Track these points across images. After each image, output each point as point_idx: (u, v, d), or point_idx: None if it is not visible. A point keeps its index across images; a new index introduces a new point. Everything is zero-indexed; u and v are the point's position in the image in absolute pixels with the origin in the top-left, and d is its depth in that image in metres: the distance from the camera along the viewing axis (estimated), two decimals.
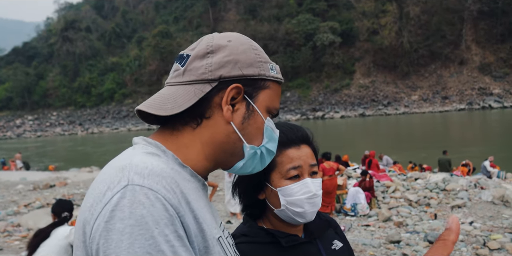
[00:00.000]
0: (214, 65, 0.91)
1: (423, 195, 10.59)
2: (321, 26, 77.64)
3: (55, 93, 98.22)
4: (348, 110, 72.21)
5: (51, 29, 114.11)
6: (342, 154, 16.13)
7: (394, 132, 41.62)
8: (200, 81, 0.91)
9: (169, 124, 0.94)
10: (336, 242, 1.40)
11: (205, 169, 0.94)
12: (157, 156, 0.86)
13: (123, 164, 0.81)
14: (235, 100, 0.92)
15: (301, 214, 1.27)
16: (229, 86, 0.90)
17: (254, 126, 0.94)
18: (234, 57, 0.92)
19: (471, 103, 66.40)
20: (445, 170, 15.67)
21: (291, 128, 1.33)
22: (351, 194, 9.75)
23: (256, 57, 0.95)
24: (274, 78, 0.97)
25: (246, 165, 0.96)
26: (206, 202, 0.93)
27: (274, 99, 0.98)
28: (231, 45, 0.94)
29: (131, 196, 0.74)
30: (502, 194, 9.98)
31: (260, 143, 0.96)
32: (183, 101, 0.90)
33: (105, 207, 0.74)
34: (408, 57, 73.52)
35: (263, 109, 0.95)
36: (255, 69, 0.93)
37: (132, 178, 0.76)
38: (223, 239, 0.90)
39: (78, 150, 43.74)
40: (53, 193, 13.45)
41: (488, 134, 34.00)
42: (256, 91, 0.94)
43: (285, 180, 1.27)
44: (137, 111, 0.94)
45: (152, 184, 0.76)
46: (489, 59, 70.36)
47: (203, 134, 0.92)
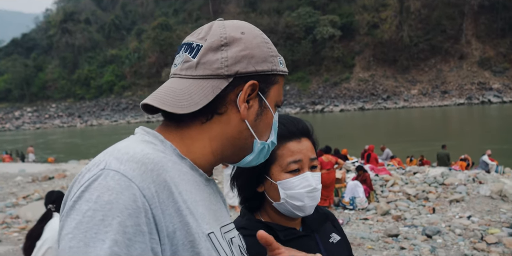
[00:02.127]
0: (230, 60, 0.88)
1: (422, 189, 10.61)
2: (321, 19, 77.41)
3: (54, 85, 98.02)
4: (347, 104, 72.20)
5: (50, 20, 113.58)
6: (341, 147, 16.15)
7: (393, 126, 41.65)
8: (215, 76, 0.88)
9: (175, 117, 0.90)
10: (334, 236, 1.40)
11: (209, 163, 0.92)
12: (152, 144, 0.84)
13: (109, 149, 0.81)
14: (250, 96, 0.90)
15: (301, 207, 1.27)
16: (246, 83, 0.88)
17: (265, 122, 0.94)
18: (250, 51, 0.89)
19: (470, 98, 66.41)
20: (443, 164, 15.70)
21: (292, 120, 1.32)
22: (349, 188, 9.76)
23: (269, 51, 0.92)
24: (283, 72, 0.96)
25: (254, 158, 0.96)
26: (206, 197, 0.89)
27: (281, 93, 0.98)
28: (245, 38, 0.90)
29: (103, 180, 0.72)
30: (500, 188, 10.01)
31: (267, 137, 0.96)
32: (199, 98, 0.87)
33: (80, 188, 0.74)
34: (408, 51, 73.41)
35: (272, 104, 0.95)
36: (269, 64, 0.91)
37: (110, 163, 0.75)
38: (216, 237, 0.86)
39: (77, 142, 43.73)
40: (52, 185, 13.47)
41: (487, 129, 34.04)
42: (269, 87, 0.93)
43: (285, 174, 1.26)
44: (143, 104, 0.90)
45: (127, 170, 0.74)
46: (489, 53, 70.28)
47: (213, 129, 0.89)
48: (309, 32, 77.12)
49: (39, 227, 3.77)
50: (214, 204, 0.93)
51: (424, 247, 6.77)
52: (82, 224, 0.70)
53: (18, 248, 7.04)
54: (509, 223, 8.02)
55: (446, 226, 7.91)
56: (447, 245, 6.99)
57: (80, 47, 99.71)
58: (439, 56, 73.02)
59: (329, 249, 1.35)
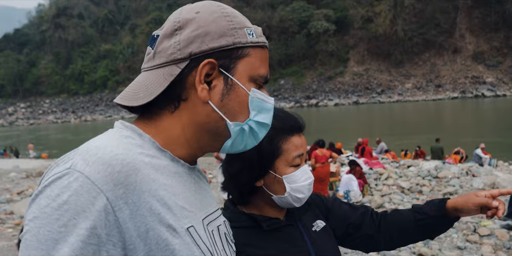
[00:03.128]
0: (182, 43, 0.84)
1: (416, 183, 10.66)
2: (315, 13, 77.31)
3: (48, 80, 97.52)
4: (342, 98, 72.31)
5: (42, 15, 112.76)
6: (336, 141, 16.19)
7: (388, 120, 41.78)
8: (170, 62, 0.84)
9: (148, 110, 0.88)
10: (318, 223, 1.42)
11: (188, 153, 0.89)
12: (130, 139, 0.82)
13: (81, 146, 0.79)
14: (211, 76, 0.85)
15: (301, 199, 1.30)
16: (200, 63, 0.83)
17: (236, 101, 0.87)
18: (203, 29, 0.84)
19: (464, 92, 66.69)
20: (437, 157, 15.78)
21: (290, 115, 1.33)
22: (344, 181, 9.79)
23: (228, 25, 0.86)
24: (253, 44, 0.88)
25: (235, 143, 0.90)
26: (189, 187, 0.88)
27: (258, 66, 0.89)
28: (199, 17, 0.85)
29: (66, 179, 0.71)
30: (493, 181, 10.08)
31: (246, 117, 0.88)
32: (154, 87, 0.84)
33: (44, 182, 0.73)
34: (402, 45, 73.51)
35: (245, 79, 0.87)
36: (229, 38, 0.85)
37: (76, 163, 0.73)
38: (197, 230, 0.83)
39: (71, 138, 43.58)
40: None
41: (480, 122, 34.22)
42: (234, 62, 0.86)
43: (289, 167, 1.28)
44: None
45: (92, 172, 0.71)
46: (483, 47, 70.51)
47: (183, 117, 0.86)
48: (303, 26, 77.02)
49: None
50: (199, 192, 0.92)
51: None
52: (38, 219, 0.69)
53: (12, 243, 7.04)
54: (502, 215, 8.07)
55: None
56: (440, 237, 7.03)
57: (73, 42, 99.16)
58: (433, 50, 73.20)
59: (313, 237, 1.36)
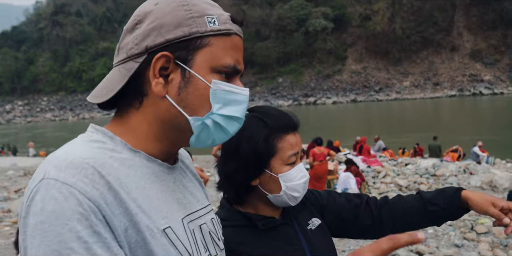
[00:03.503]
0: (139, 37, 0.82)
1: (413, 181, 10.69)
2: (313, 11, 77.27)
3: (46, 78, 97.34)
4: (340, 96, 72.36)
5: (40, 13, 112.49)
6: (334, 139, 16.20)
7: (386, 118, 41.82)
8: (129, 58, 0.83)
9: (118, 108, 0.88)
10: (314, 221, 1.41)
11: (160, 151, 0.87)
12: (100, 143, 0.81)
13: (50, 156, 0.77)
14: (168, 70, 0.81)
15: (297, 198, 1.29)
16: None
17: (195, 94, 0.82)
18: (159, 21, 0.81)
19: (462, 90, 66.79)
20: (435, 155, 15.81)
21: (285, 114, 1.32)
22: (341, 179, 9.81)
23: (185, 14, 0.81)
24: (214, 32, 0.82)
25: (200, 138, 0.86)
26: (167, 187, 0.86)
27: (222, 55, 0.83)
28: (156, 9, 0.82)
29: (44, 190, 0.70)
30: (490, 179, 10.11)
31: (207, 111, 0.83)
32: (116, 83, 0.83)
33: (26, 203, 0.71)
34: (400, 43, 73.55)
35: (205, 71, 0.82)
36: (185, 28, 0.81)
37: (49, 172, 0.72)
38: (174, 231, 0.82)
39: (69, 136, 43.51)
40: None
41: (478, 120, 34.28)
42: (192, 53, 0.81)
43: (285, 166, 1.27)
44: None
45: (67, 177, 0.71)
46: (480, 45, 70.58)
47: (147, 113, 0.84)
48: (301, 24, 77.00)
49: None
50: (180, 191, 0.90)
51: None
52: (35, 238, 0.68)
53: (9, 242, 7.04)
54: None
55: None
56: (438, 235, 7.06)
57: (71, 40, 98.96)
58: (431, 48, 73.25)
59: (308, 235, 1.36)
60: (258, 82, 79.49)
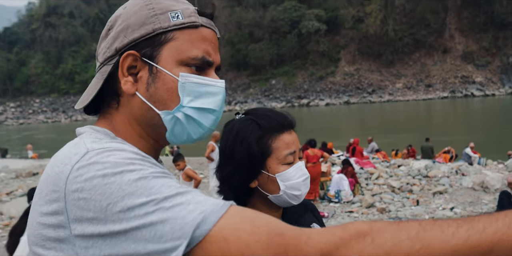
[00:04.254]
0: (110, 41, 0.85)
1: (406, 182, 10.74)
2: (306, 13, 77.47)
3: (38, 80, 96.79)
4: (333, 98, 72.53)
5: (32, 14, 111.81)
6: (327, 141, 16.25)
7: (379, 119, 41.96)
8: (105, 62, 0.86)
9: (101, 110, 0.90)
10: (314, 226, 1.42)
11: (148, 148, 0.88)
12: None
13: (73, 142, 0.78)
14: (137, 68, 0.84)
15: (298, 196, 1.30)
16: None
17: (163, 89, 0.83)
18: (125, 23, 0.83)
19: (454, 91, 67.20)
20: (427, 157, 15.90)
21: (279, 113, 1.33)
22: (335, 181, 9.83)
23: (148, 13, 0.83)
24: (178, 26, 0.83)
25: (175, 133, 0.87)
26: None
27: (188, 48, 0.84)
28: (124, 12, 0.86)
29: (95, 155, 0.70)
30: (482, 180, 10.18)
31: (176, 104, 0.84)
32: (93, 88, 0.86)
33: (72, 172, 0.69)
34: (393, 45, 73.89)
35: (172, 65, 0.83)
36: (148, 26, 0.82)
37: (91, 146, 0.73)
38: None
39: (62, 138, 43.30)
40: (36, 181, 13.31)
41: (470, 121, 34.49)
42: (157, 49, 0.83)
43: (282, 166, 1.27)
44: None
45: (112, 145, 0.74)
46: (472, 47, 71.07)
47: (126, 113, 0.86)
48: (294, 26, 77.15)
49: (22, 223, 3.72)
50: None
51: None
52: (124, 175, 0.68)
53: (1, 244, 6.99)
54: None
55: (429, 217, 8.03)
56: None
57: (64, 42, 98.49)
58: (423, 50, 73.64)
59: None
60: (252, 83, 79.54)
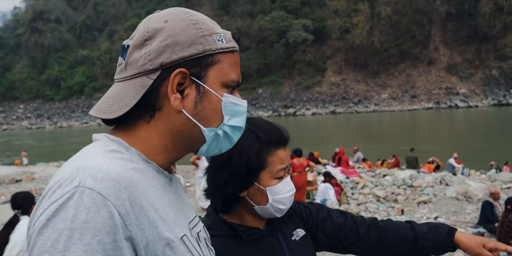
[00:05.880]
0: (152, 53, 0.85)
1: (391, 191, 10.85)
2: (294, 23, 78.03)
3: (23, 85, 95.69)
4: (319, 107, 72.91)
5: (18, 19, 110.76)
6: (313, 150, 16.35)
7: (364, 129, 42.28)
8: (142, 73, 0.85)
9: (124, 120, 0.89)
10: (298, 232, 1.46)
11: (167, 160, 0.91)
12: (119, 154, 0.83)
13: (79, 164, 0.77)
14: (183, 85, 0.86)
15: (283, 210, 1.34)
16: (172, 73, 0.85)
17: (209, 108, 0.88)
18: (173, 39, 0.85)
19: (438, 102, 68.09)
20: (412, 167, 16.08)
21: (277, 128, 1.36)
22: (320, 190, 9.89)
23: (197, 33, 0.86)
24: (223, 50, 0.89)
25: (210, 147, 0.92)
26: (172, 199, 0.90)
27: (229, 71, 0.90)
28: (168, 26, 0.86)
29: (78, 198, 0.71)
30: (465, 190, 10.34)
31: (220, 122, 0.90)
32: (129, 99, 0.85)
33: (52, 205, 0.72)
34: (379, 56, 74.70)
35: (217, 86, 0.89)
36: (198, 46, 0.86)
37: (84, 180, 0.73)
38: (188, 238, 0.87)
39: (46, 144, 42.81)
40: (19, 188, 13.17)
41: (454, 132, 34.95)
42: (205, 69, 0.87)
43: (273, 180, 1.31)
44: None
45: (103, 189, 0.73)
46: (456, 59, 72.17)
47: (159, 126, 0.87)
48: (281, 35, 77.63)
49: (6, 234, 3.70)
50: (180, 201, 0.94)
51: None
52: (59, 243, 0.68)
53: None
54: (473, 223, 8.30)
55: None
56: None
57: (50, 47, 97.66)
58: (408, 61, 74.55)
59: (292, 246, 1.40)
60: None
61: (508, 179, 12.30)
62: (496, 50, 69.87)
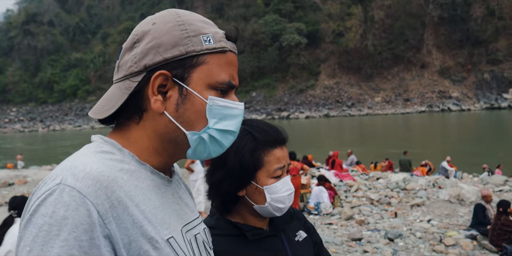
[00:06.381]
0: (138, 56, 0.85)
1: (384, 194, 10.90)
2: (287, 27, 78.27)
3: (15, 88, 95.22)
4: (312, 111, 73.07)
5: (11, 21, 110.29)
6: (307, 153, 16.39)
7: (358, 133, 42.42)
8: (129, 75, 0.86)
9: (118, 121, 0.92)
10: (300, 233, 1.49)
11: (161, 163, 0.91)
12: (110, 154, 0.85)
13: (66, 164, 0.80)
14: (166, 87, 0.85)
15: (282, 209, 1.35)
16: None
17: (192, 110, 0.86)
18: (157, 41, 0.84)
19: (431, 106, 68.48)
20: (405, 170, 16.15)
21: (274, 128, 1.39)
22: (314, 193, 9.92)
23: (181, 34, 0.85)
24: (210, 51, 0.86)
25: (197, 151, 0.90)
26: (166, 200, 0.90)
27: (217, 72, 0.87)
28: (154, 28, 0.86)
29: (58, 195, 0.73)
30: (458, 193, 10.41)
31: (204, 126, 0.88)
32: (115, 100, 0.87)
33: (36, 201, 0.75)
34: (372, 59, 75.07)
35: (201, 88, 0.86)
36: (181, 47, 0.84)
37: (66, 178, 0.75)
38: (176, 240, 0.87)
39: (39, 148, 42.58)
40: (12, 191, 13.10)
41: (447, 135, 35.14)
42: (188, 71, 0.85)
43: (270, 179, 1.32)
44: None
45: (83, 187, 0.74)
46: (449, 63, 72.69)
47: (147, 128, 0.88)
48: (275, 39, 77.81)
49: (1, 234, 3.75)
50: (177, 203, 0.94)
51: (386, 250, 6.98)
52: (39, 238, 0.71)
53: None
54: (466, 226, 8.35)
55: (407, 229, 8.17)
56: (408, 248, 7.22)
57: (43, 50, 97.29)
58: (401, 65, 74.97)
59: (294, 247, 1.42)
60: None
61: (500, 182, 12.40)
62: (488, 54, 70.48)
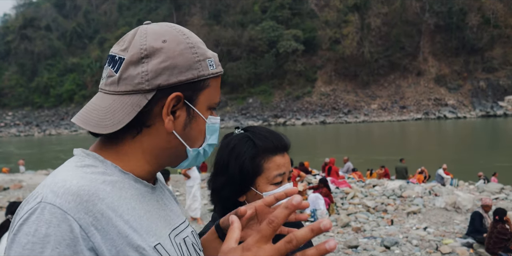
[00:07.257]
0: (150, 74, 0.85)
1: (381, 202, 10.90)
2: (284, 33, 78.55)
3: (11, 92, 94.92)
4: (309, 117, 73.19)
5: (8, 26, 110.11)
6: (303, 160, 16.38)
7: (354, 140, 42.47)
8: (137, 91, 0.86)
9: (106, 134, 0.89)
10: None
11: (148, 172, 0.93)
12: (92, 168, 0.85)
13: (47, 181, 0.82)
14: (175, 107, 0.88)
15: None
16: (169, 96, 0.86)
17: (196, 129, 0.92)
18: (171, 62, 0.86)
19: (427, 113, 68.73)
20: (402, 177, 16.16)
21: (276, 135, 1.40)
22: (310, 200, 9.91)
23: (193, 57, 0.88)
24: (214, 75, 0.92)
25: (190, 163, 0.97)
26: (151, 207, 0.91)
27: (215, 94, 0.94)
28: (167, 47, 0.87)
29: (40, 213, 0.74)
30: (454, 200, 10.42)
31: (202, 142, 0.95)
32: (122, 116, 0.86)
33: (19, 221, 0.76)
34: (369, 67, 75.40)
35: (204, 109, 0.92)
36: (194, 71, 0.88)
37: (46, 196, 0.77)
38: (164, 246, 0.88)
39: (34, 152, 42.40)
40: (7, 196, 13.04)
41: (443, 143, 35.22)
42: (196, 94, 0.90)
43: (270, 185, 1.34)
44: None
45: (63, 203, 0.76)
46: (445, 71, 73.09)
47: (144, 142, 0.90)
48: (272, 46, 78.06)
49: None
50: (163, 209, 0.96)
51: None
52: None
53: None
54: (462, 233, 8.36)
55: (403, 237, 8.16)
56: (404, 255, 7.21)
57: (40, 54, 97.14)
58: (398, 72, 75.31)
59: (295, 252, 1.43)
60: (229, 102, 79.70)
61: (496, 190, 12.42)
62: (484, 62, 70.97)
